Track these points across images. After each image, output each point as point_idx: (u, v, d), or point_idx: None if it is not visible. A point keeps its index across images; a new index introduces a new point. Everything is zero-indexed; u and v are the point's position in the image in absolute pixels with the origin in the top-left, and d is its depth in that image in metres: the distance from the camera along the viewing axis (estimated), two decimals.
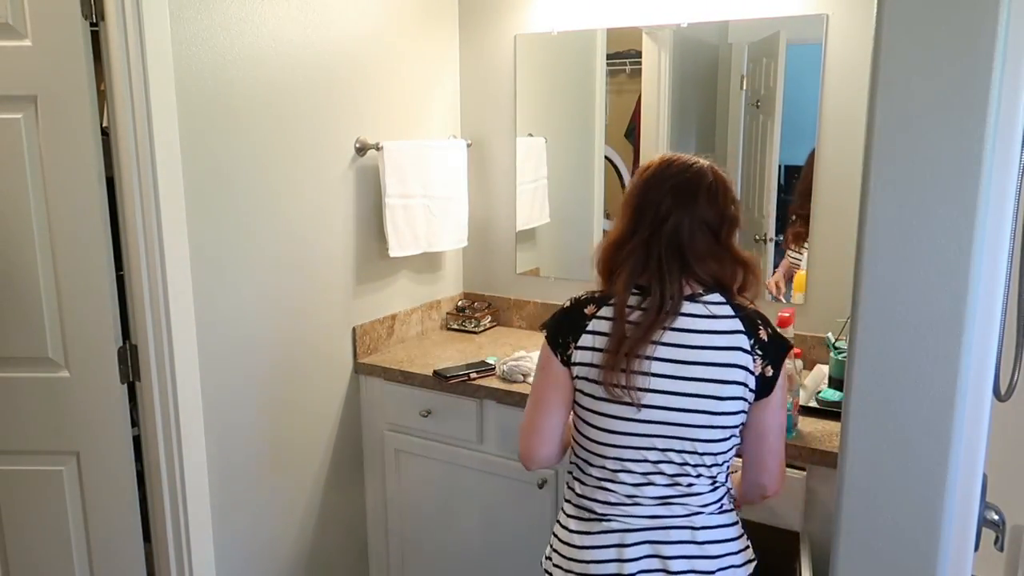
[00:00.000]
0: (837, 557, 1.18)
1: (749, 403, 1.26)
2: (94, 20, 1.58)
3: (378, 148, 2.11)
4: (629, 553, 1.28)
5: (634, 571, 1.28)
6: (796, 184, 2.10)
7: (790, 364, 1.60)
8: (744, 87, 2.09)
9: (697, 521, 1.28)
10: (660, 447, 1.26)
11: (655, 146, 2.24)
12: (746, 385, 1.24)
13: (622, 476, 1.29)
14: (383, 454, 2.22)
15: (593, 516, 1.32)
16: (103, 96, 1.64)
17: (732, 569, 1.31)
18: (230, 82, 1.75)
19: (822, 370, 1.96)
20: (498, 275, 2.53)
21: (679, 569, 1.28)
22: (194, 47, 1.67)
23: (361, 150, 2.12)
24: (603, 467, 1.30)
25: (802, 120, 2.01)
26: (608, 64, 2.27)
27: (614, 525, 1.30)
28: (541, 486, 1.95)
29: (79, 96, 1.59)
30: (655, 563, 1.29)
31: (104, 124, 1.70)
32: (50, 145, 1.61)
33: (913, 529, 1.10)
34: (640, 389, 1.23)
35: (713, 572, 1.29)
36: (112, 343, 1.70)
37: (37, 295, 1.66)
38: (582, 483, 1.34)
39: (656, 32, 2.17)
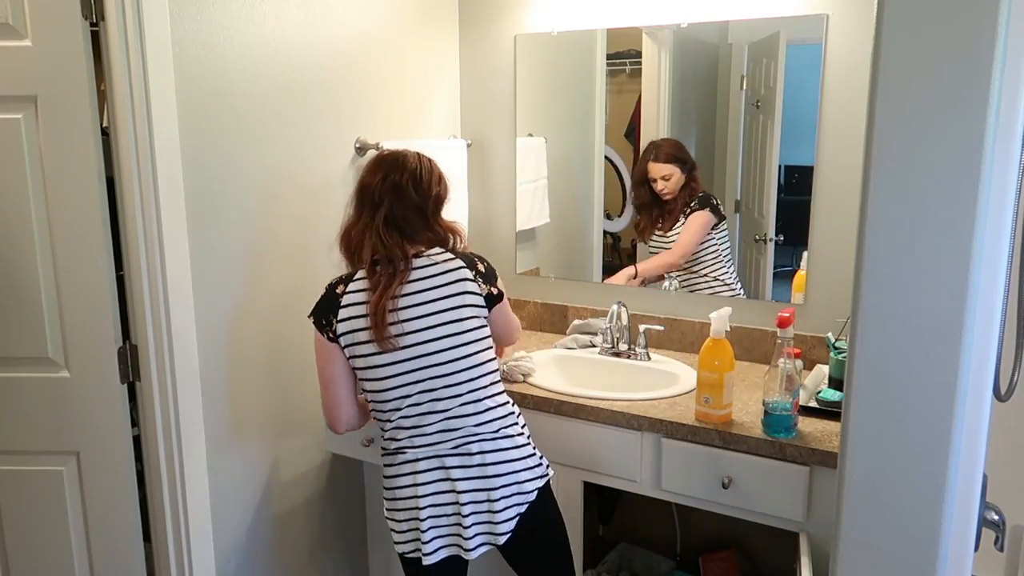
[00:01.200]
0: (837, 557, 1.18)
1: (484, 318, 1.59)
2: (94, 20, 1.58)
3: (378, 148, 2.11)
4: (421, 478, 1.55)
5: (426, 492, 1.55)
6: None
7: (790, 364, 1.60)
8: (744, 87, 2.09)
9: (473, 447, 1.55)
10: (426, 376, 1.54)
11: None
12: (478, 305, 1.58)
13: (406, 411, 1.56)
14: None
15: (389, 451, 1.60)
16: (103, 96, 1.64)
17: (516, 485, 1.56)
18: (230, 82, 1.75)
19: (822, 370, 1.96)
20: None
21: (465, 488, 1.54)
22: (194, 47, 1.67)
23: (361, 150, 2.12)
24: (390, 409, 1.57)
25: (802, 120, 2.01)
26: (608, 64, 2.27)
27: (407, 456, 1.57)
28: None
29: (79, 96, 1.59)
30: (444, 486, 1.55)
31: (104, 124, 1.70)
32: (50, 145, 1.61)
33: (913, 529, 1.10)
34: (395, 336, 1.53)
35: (496, 489, 1.54)
36: (112, 343, 1.70)
37: (37, 295, 1.66)
38: (383, 430, 1.61)
39: (656, 32, 2.17)
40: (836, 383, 1.80)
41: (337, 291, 1.60)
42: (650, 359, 2.14)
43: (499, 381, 1.64)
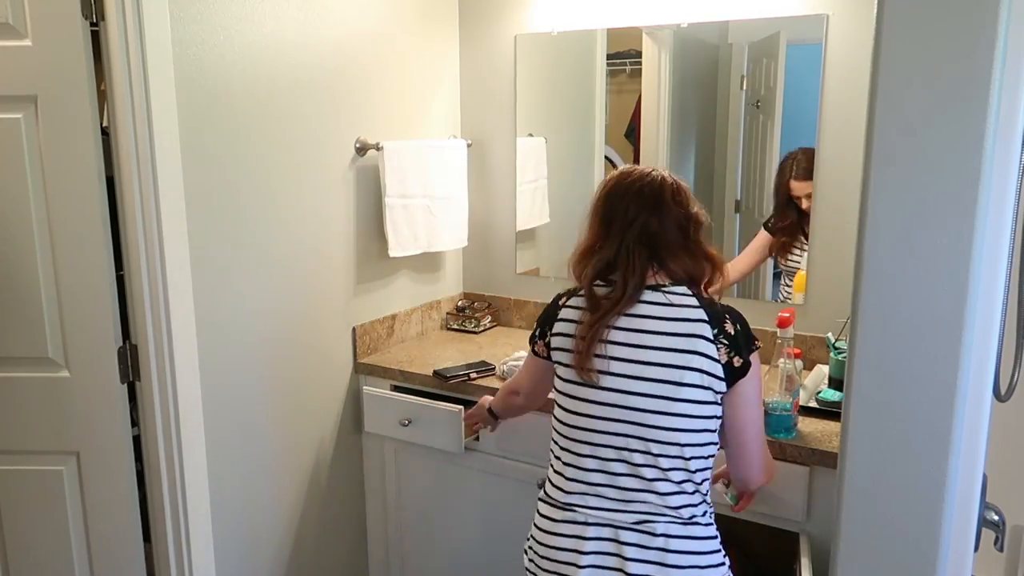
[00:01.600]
0: (837, 557, 1.18)
1: (718, 393, 1.27)
2: (94, 20, 1.58)
3: (378, 148, 2.11)
4: (588, 546, 1.31)
5: (588, 563, 1.30)
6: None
7: (790, 364, 1.60)
8: (744, 87, 2.09)
9: (658, 528, 1.28)
10: (621, 432, 1.29)
11: (655, 146, 2.24)
12: (711, 374, 1.26)
13: (587, 462, 1.32)
14: (383, 454, 2.22)
15: (558, 504, 1.36)
16: (103, 96, 1.64)
17: None
18: (230, 82, 1.75)
19: (822, 370, 1.96)
20: (498, 275, 2.53)
21: (636, 572, 1.28)
22: (194, 47, 1.67)
23: (361, 150, 2.12)
24: (571, 451, 1.35)
25: (802, 120, 2.01)
26: (608, 64, 2.27)
27: (576, 516, 1.33)
28: (541, 485, 1.95)
29: (79, 96, 1.59)
30: (612, 561, 1.30)
31: (104, 124, 1.70)
32: (50, 145, 1.61)
33: (913, 529, 1.10)
34: (598, 371, 1.29)
35: None
36: (112, 343, 1.70)
37: (37, 295, 1.66)
38: (553, 469, 1.39)
39: (656, 32, 2.17)
40: (836, 383, 1.80)
41: (559, 302, 1.40)
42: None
43: (708, 469, 1.32)
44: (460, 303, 2.55)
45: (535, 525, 1.40)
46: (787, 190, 2.06)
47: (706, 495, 1.34)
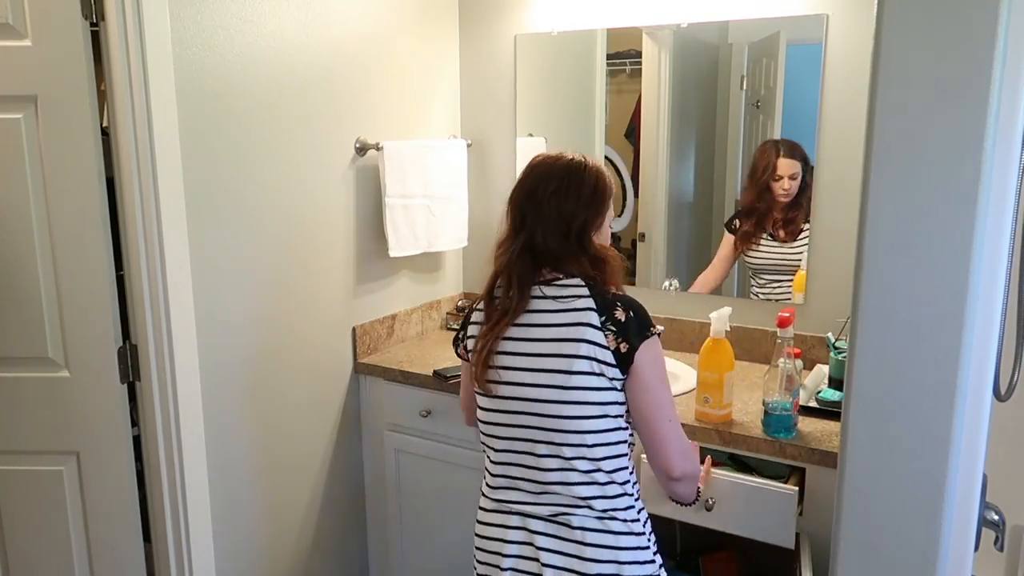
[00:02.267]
0: (837, 557, 1.18)
1: (614, 380, 1.27)
2: (94, 20, 1.58)
3: (378, 148, 2.11)
4: (511, 535, 1.36)
5: (512, 553, 1.35)
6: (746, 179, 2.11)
7: (790, 364, 1.60)
8: (744, 87, 2.09)
9: (574, 520, 1.31)
10: (525, 426, 1.32)
11: (655, 146, 2.24)
12: (601, 360, 1.26)
13: (504, 456, 1.37)
14: (383, 454, 2.22)
15: (488, 498, 1.41)
16: (103, 96, 1.64)
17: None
18: (230, 82, 1.76)
19: (822, 370, 1.96)
20: None
21: (550, 563, 1.31)
22: (194, 47, 1.67)
23: (361, 150, 2.12)
24: (491, 449, 1.40)
25: (802, 120, 2.01)
26: (608, 64, 2.27)
27: (501, 508, 1.38)
28: None
29: (79, 96, 1.59)
30: (530, 551, 1.34)
31: (104, 124, 1.70)
32: (50, 145, 1.61)
33: (913, 529, 1.10)
34: (492, 381, 1.33)
35: (589, 575, 1.29)
36: (112, 343, 1.70)
37: (37, 295, 1.66)
38: (485, 467, 1.43)
39: (656, 32, 2.17)
40: (836, 383, 1.80)
41: (473, 306, 1.43)
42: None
43: (623, 456, 1.32)
44: (460, 303, 2.55)
45: (476, 520, 1.44)
46: (773, 169, 2.05)
47: (627, 490, 1.33)
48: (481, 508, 1.43)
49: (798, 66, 2.00)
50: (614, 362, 1.26)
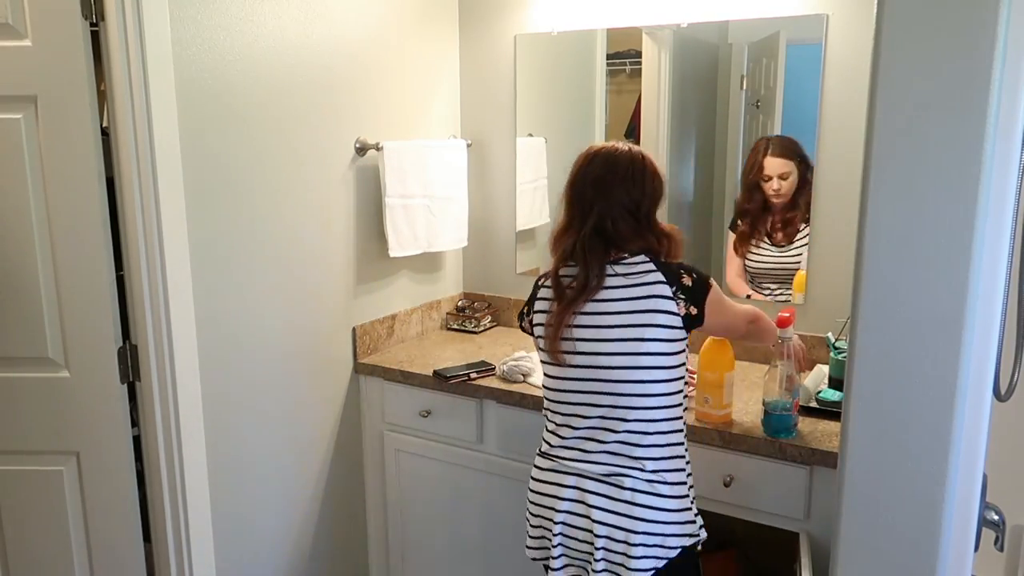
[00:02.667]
0: (837, 557, 1.18)
1: (679, 342, 1.44)
2: (94, 20, 1.58)
3: (378, 148, 2.11)
4: (564, 493, 1.47)
5: (564, 509, 1.47)
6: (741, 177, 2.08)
7: (789, 364, 1.60)
8: (744, 87, 2.09)
9: (626, 482, 1.43)
10: (593, 394, 1.45)
11: (655, 146, 2.24)
12: (672, 327, 1.42)
13: (571, 421, 1.48)
14: (383, 454, 2.22)
15: (546, 455, 1.52)
16: (103, 96, 1.64)
17: (660, 537, 1.42)
18: (230, 82, 1.75)
19: (822, 370, 1.95)
20: (498, 275, 2.53)
21: (601, 520, 1.43)
22: (194, 47, 1.67)
23: (361, 150, 2.12)
24: (556, 413, 1.52)
25: (802, 120, 2.01)
26: (608, 64, 2.27)
27: (557, 466, 1.49)
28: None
29: (79, 96, 1.59)
30: (581, 508, 1.46)
31: (104, 124, 1.70)
32: (50, 145, 1.61)
33: (913, 529, 1.10)
34: (565, 353, 1.45)
35: (637, 534, 1.41)
36: (112, 343, 1.70)
37: (37, 295, 1.66)
38: (547, 428, 1.55)
39: (656, 32, 2.17)
40: (836, 383, 1.80)
41: (538, 282, 1.55)
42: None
43: (678, 419, 1.47)
44: (460, 303, 2.55)
45: (531, 476, 1.55)
46: (760, 168, 2.02)
47: (679, 452, 1.47)
48: (537, 467, 1.54)
49: (798, 66, 2.00)
50: (682, 325, 1.43)
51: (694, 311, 1.44)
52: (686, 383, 1.51)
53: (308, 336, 2.05)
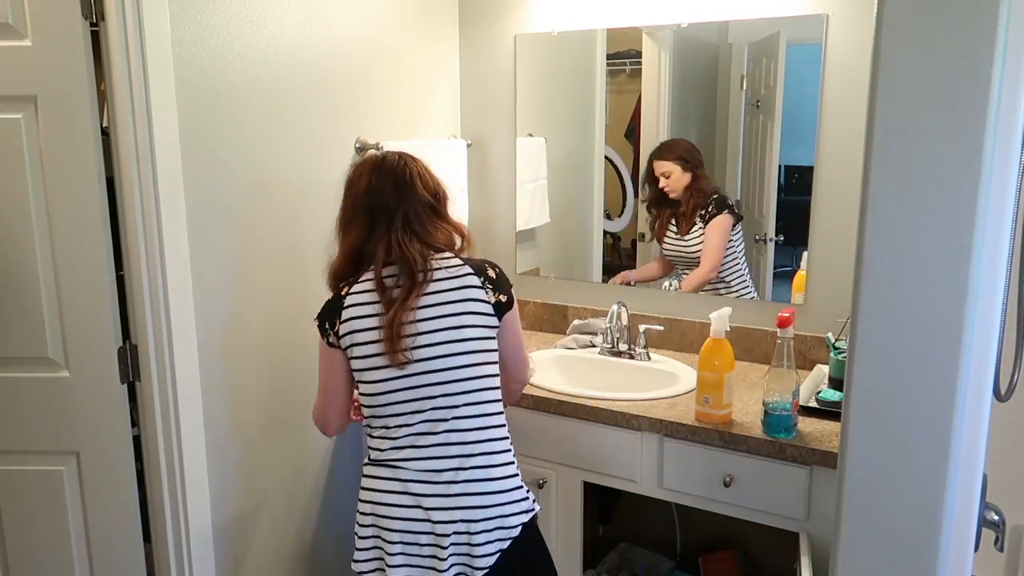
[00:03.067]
0: (837, 557, 1.18)
1: (494, 328, 1.51)
2: (94, 20, 1.58)
3: (378, 148, 2.11)
4: (401, 500, 1.47)
5: (400, 516, 1.46)
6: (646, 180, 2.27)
7: (790, 364, 1.60)
8: (744, 87, 2.09)
9: (460, 475, 1.45)
10: (424, 395, 1.47)
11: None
12: (485, 314, 1.50)
13: (404, 420, 1.48)
14: None
15: (378, 463, 1.51)
16: (103, 96, 1.64)
17: (499, 519, 1.46)
18: (230, 82, 1.76)
19: (822, 370, 1.96)
20: None
21: (441, 519, 1.44)
22: (194, 47, 1.67)
23: (361, 150, 2.12)
24: (385, 416, 1.50)
25: (802, 120, 2.01)
26: (608, 64, 2.27)
27: (392, 473, 1.48)
28: (541, 486, 1.96)
29: (79, 96, 1.59)
30: (418, 512, 1.45)
31: (104, 124, 1.70)
32: (50, 145, 1.61)
33: (913, 529, 1.10)
34: (409, 349, 1.46)
35: (477, 521, 1.44)
36: (112, 343, 1.70)
37: (37, 295, 1.66)
38: (370, 435, 1.53)
39: (656, 32, 2.17)
40: (836, 383, 1.80)
41: (342, 292, 1.54)
42: (650, 359, 2.14)
43: (499, 400, 1.53)
44: None
45: (362, 488, 1.53)
46: (649, 168, 2.26)
47: (500, 428, 1.52)
48: (371, 476, 1.51)
49: (798, 66, 2.00)
50: (493, 313, 1.50)
51: (503, 298, 1.52)
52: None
53: (308, 336, 2.04)
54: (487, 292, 1.50)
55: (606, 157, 2.34)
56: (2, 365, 1.71)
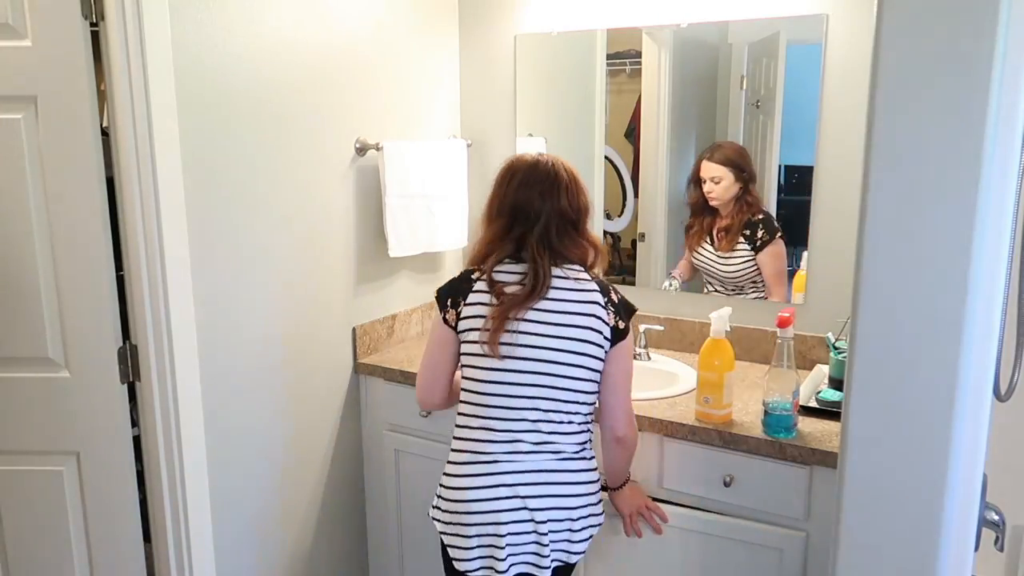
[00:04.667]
0: (837, 557, 1.18)
1: (606, 350, 1.51)
2: (94, 20, 1.58)
3: (378, 148, 2.11)
4: (505, 504, 1.50)
5: (508, 517, 1.50)
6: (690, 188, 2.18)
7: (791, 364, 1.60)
8: (744, 87, 2.09)
9: (560, 476, 1.51)
10: (527, 395, 1.49)
11: (655, 146, 2.24)
12: (601, 333, 1.50)
13: (502, 414, 1.51)
14: (383, 454, 2.22)
15: (473, 460, 1.52)
16: (103, 96, 1.64)
17: (592, 507, 1.56)
18: (230, 82, 1.76)
19: (822, 370, 1.96)
20: None
21: (544, 518, 1.50)
22: (194, 47, 1.67)
23: (361, 150, 2.12)
24: (482, 407, 1.52)
25: (802, 120, 2.01)
26: (608, 64, 2.27)
27: (489, 469, 1.51)
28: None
29: (79, 96, 1.59)
30: (523, 514, 1.50)
31: (104, 124, 1.70)
32: (50, 145, 1.61)
33: (913, 529, 1.10)
34: (509, 344, 1.48)
35: (575, 508, 1.53)
36: (112, 343, 1.70)
37: (37, 295, 1.66)
38: (468, 428, 1.55)
39: (656, 32, 2.17)
40: (836, 383, 1.80)
41: (472, 276, 1.56)
42: (650, 359, 2.14)
43: (591, 421, 1.58)
44: None
45: (445, 486, 1.56)
46: (697, 168, 2.15)
47: (588, 452, 1.57)
48: (453, 475, 1.54)
49: (798, 66, 2.00)
50: (610, 336, 1.51)
51: (621, 324, 1.52)
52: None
53: (308, 336, 2.05)
54: (608, 313, 1.51)
55: (606, 157, 2.33)
56: (3, 365, 1.71)
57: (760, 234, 2.11)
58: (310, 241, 2.01)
